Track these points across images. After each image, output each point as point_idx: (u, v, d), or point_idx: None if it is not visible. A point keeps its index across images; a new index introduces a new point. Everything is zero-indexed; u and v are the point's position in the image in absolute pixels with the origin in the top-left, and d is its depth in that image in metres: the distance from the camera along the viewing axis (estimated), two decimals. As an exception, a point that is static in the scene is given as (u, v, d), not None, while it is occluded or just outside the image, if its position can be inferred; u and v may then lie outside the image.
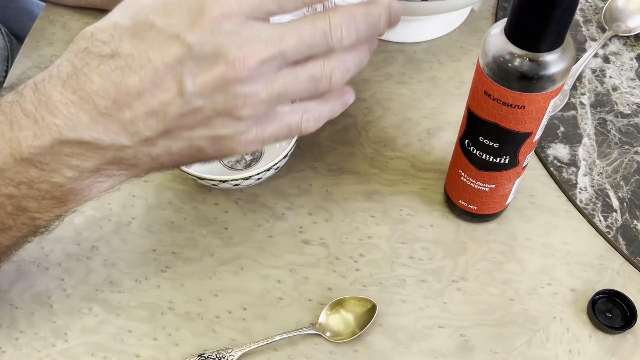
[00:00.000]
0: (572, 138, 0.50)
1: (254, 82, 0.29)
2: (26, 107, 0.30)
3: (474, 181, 0.41)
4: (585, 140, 0.50)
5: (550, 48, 0.32)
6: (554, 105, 0.36)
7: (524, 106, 0.34)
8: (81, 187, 0.32)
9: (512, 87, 0.34)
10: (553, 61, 0.32)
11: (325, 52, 0.30)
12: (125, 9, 0.30)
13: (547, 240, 0.45)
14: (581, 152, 0.49)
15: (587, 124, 0.51)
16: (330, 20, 0.29)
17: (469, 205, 0.44)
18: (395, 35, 0.58)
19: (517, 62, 0.33)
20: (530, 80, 0.33)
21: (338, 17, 0.30)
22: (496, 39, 0.34)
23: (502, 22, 0.34)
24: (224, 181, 0.44)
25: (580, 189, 0.47)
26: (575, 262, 0.44)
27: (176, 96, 0.29)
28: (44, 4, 0.72)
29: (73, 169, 0.31)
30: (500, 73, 0.34)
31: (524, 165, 0.40)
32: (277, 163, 0.44)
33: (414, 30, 0.58)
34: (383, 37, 0.58)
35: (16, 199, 0.32)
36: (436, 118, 0.53)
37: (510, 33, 0.33)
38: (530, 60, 0.33)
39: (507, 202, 0.44)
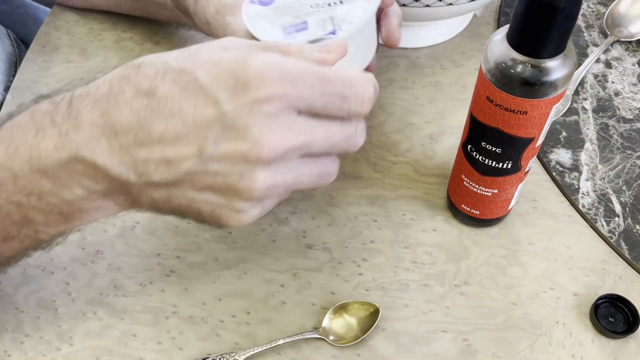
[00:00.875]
0: (575, 143, 0.50)
1: (274, 167, 0.29)
2: (56, 118, 0.31)
3: (477, 186, 0.42)
4: (587, 145, 0.50)
5: (552, 54, 0.32)
6: (556, 111, 0.36)
7: (526, 112, 0.35)
8: (88, 208, 0.32)
9: (515, 93, 0.34)
10: (555, 67, 0.33)
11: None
12: (183, 53, 0.30)
13: (549, 244, 0.45)
14: (583, 157, 0.49)
15: (590, 129, 0.51)
16: (356, 127, 0.31)
17: (472, 210, 0.44)
18: (398, 40, 0.58)
19: (519, 68, 0.33)
20: (533, 86, 0.33)
21: (362, 125, 0.31)
22: (498, 45, 0.34)
23: (505, 29, 0.34)
24: (227, 186, 0.44)
25: (583, 193, 0.47)
26: (578, 267, 0.44)
27: (195, 155, 0.29)
28: (49, 9, 0.72)
29: (83, 189, 0.31)
30: (503, 79, 0.34)
31: (526, 170, 0.40)
32: (280, 168, 0.45)
33: (417, 36, 0.58)
34: (386, 43, 0.58)
35: (24, 209, 0.32)
36: (439, 123, 0.53)
37: (513, 39, 0.33)
38: (532, 66, 0.33)
39: (509, 207, 0.44)
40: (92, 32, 0.61)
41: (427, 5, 0.49)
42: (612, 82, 0.54)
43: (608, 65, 0.56)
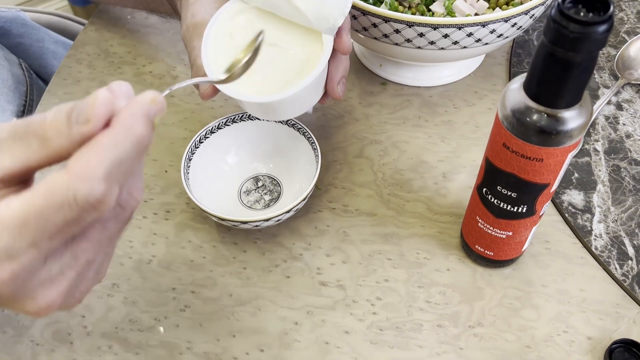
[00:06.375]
0: (587, 184, 0.51)
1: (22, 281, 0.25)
2: None
3: (491, 228, 0.42)
4: (599, 186, 0.51)
5: (569, 105, 0.33)
6: (571, 157, 0.36)
7: (543, 159, 0.35)
8: None
9: (531, 140, 0.35)
10: (571, 117, 0.33)
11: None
12: None
13: (562, 286, 0.46)
14: (596, 198, 0.50)
15: (602, 171, 0.52)
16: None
17: (486, 251, 0.44)
18: (411, 79, 0.59)
19: (535, 117, 0.34)
20: (549, 135, 0.34)
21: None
22: (515, 94, 0.35)
23: (521, 77, 0.35)
24: (244, 222, 0.44)
25: (596, 235, 0.48)
26: (592, 310, 0.44)
27: None
28: (69, 44, 0.74)
29: None
30: (519, 127, 0.35)
31: (541, 214, 0.41)
32: (296, 205, 0.45)
33: (430, 75, 0.59)
34: (399, 81, 0.60)
35: None
36: (452, 162, 0.54)
37: (529, 89, 0.34)
38: (548, 115, 0.34)
39: (523, 249, 0.45)
40: (112, 65, 0.63)
41: (442, 49, 0.50)
42: (624, 124, 0.55)
43: (619, 107, 0.56)
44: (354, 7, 0.48)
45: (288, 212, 0.45)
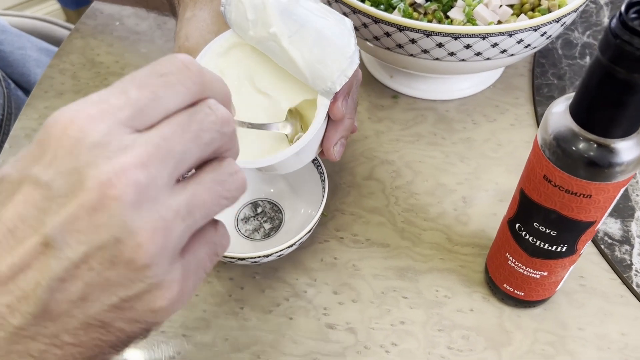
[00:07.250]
0: (624, 211, 0.45)
1: (147, 201, 0.21)
2: None
3: (524, 267, 0.37)
4: (638, 214, 0.45)
5: (625, 134, 0.28)
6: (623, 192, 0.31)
7: (591, 195, 0.30)
8: None
9: (579, 174, 0.29)
10: (627, 148, 0.28)
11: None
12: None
13: (601, 330, 0.40)
14: (634, 227, 0.45)
15: (639, 196, 0.46)
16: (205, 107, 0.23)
17: (515, 291, 0.39)
18: (426, 92, 0.54)
19: (584, 147, 0.29)
20: (601, 169, 0.29)
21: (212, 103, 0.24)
22: (559, 119, 0.30)
23: (566, 99, 0.30)
24: (241, 259, 0.39)
25: (637, 270, 0.42)
26: (635, 358, 0.39)
27: (43, 255, 0.20)
28: (54, 51, 0.69)
29: None
30: (565, 158, 0.29)
31: (581, 252, 0.35)
32: (300, 238, 0.40)
33: (446, 87, 0.54)
34: (412, 94, 0.54)
35: None
36: (472, 184, 0.48)
37: (578, 115, 0.29)
38: (600, 146, 0.28)
39: (557, 288, 0.39)
40: (98, 76, 0.57)
41: (463, 60, 0.45)
42: (661, 143, 0.50)
43: (655, 123, 0.51)
44: (363, 14, 0.43)
45: (291, 246, 0.40)
